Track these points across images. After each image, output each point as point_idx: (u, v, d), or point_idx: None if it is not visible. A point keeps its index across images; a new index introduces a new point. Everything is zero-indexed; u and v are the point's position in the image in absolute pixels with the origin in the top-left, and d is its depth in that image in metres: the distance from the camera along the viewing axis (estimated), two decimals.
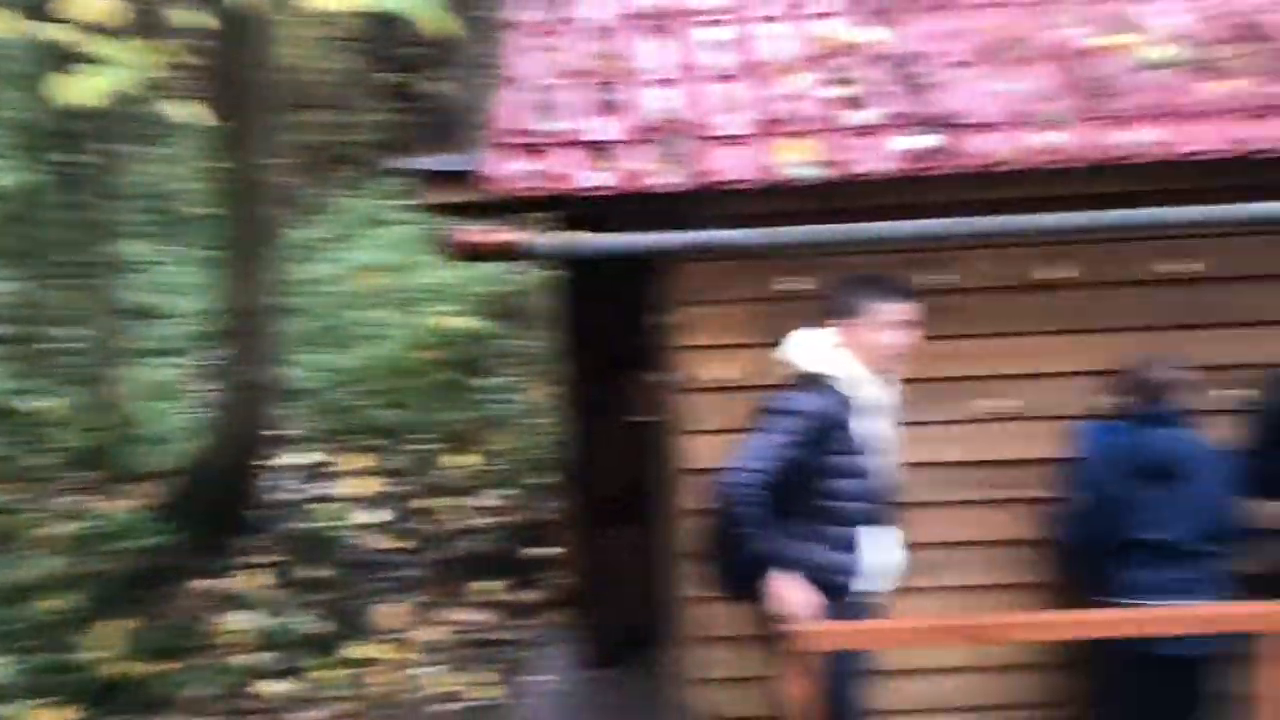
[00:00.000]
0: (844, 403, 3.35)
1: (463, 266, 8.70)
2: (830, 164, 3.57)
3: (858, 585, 3.42)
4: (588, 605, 5.50)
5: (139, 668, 5.43)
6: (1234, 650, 3.61)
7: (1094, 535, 3.76)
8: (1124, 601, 3.58)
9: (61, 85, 3.43)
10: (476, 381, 7.95)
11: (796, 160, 3.61)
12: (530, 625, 6.09)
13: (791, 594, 3.25)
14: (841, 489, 3.33)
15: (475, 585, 6.37)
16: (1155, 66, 3.88)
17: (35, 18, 3.76)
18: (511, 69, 4.14)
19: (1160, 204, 3.71)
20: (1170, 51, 3.92)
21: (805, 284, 3.94)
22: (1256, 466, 3.60)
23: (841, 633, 3.06)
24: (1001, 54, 3.99)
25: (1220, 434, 3.76)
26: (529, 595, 6.31)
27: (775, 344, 4.00)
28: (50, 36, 3.64)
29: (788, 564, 3.31)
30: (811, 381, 3.36)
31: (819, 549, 3.32)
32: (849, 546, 3.37)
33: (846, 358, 3.38)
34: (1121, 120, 3.69)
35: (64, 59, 3.82)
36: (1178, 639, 3.47)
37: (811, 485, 3.30)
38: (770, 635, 3.19)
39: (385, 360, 7.91)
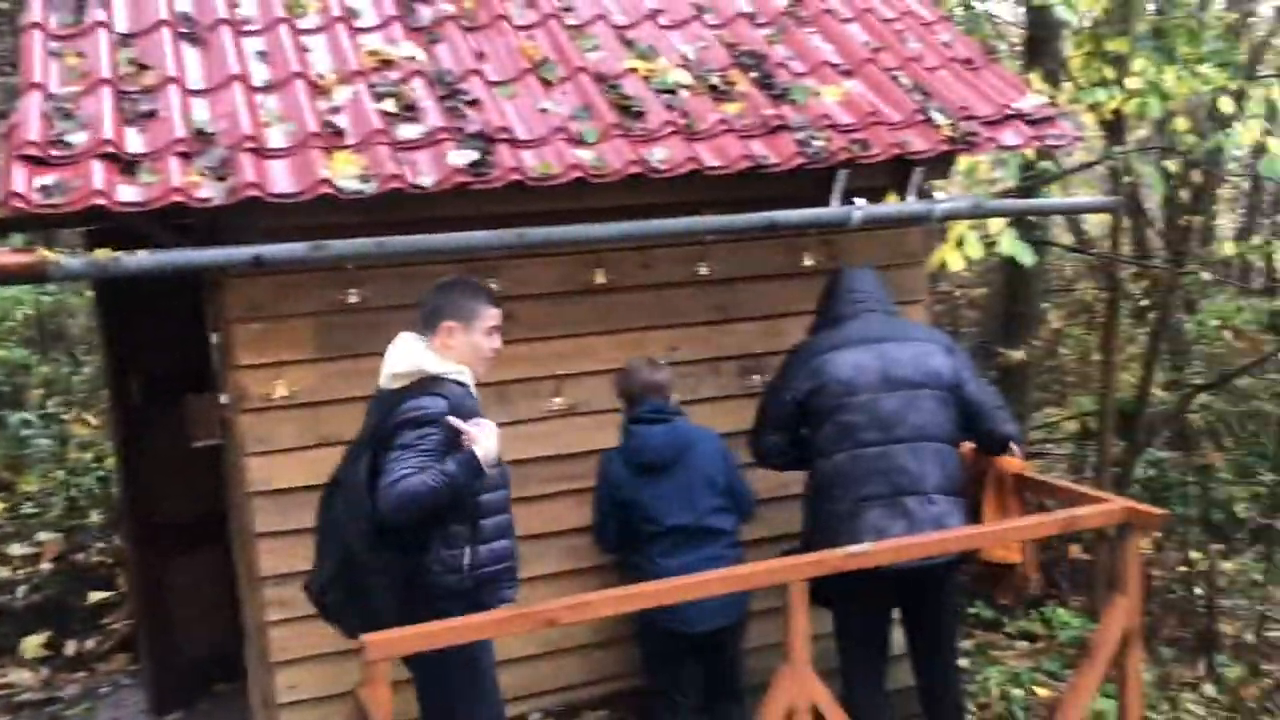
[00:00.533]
0: (466, 401, 3.38)
1: None
2: (378, 177, 3.61)
3: (511, 575, 3.50)
4: (149, 645, 5.14)
5: None
6: (743, 619, 4.10)
7: (620, 528, 4.10)
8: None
9: None
10: (9, 416, 7.14)
11: (344, 173, 3.60)
12: (87, 677, 5.59)
13: (485, 437, 3.27)
14: (482, 485, 3.35)
15: (22, 642, 5.75)
16: (674, 89, 4.28)
17: None
18: (33, 75, 3.79)
19: (685, 213, 4.13)
20: (685, 76, 4.34)
21: (362, 296, 3.97)
22: (771, 442, 4.08)
23: (411, 635, 3.12)
24: (539, 74, 4.22)
25: (750, 416, 4.22)
26: (86, 644, 5.79)
27: (337, 357, 4.02)
28: None
29: (450, 571, 3.33)
30: (432, 383, 3.35)
31: (470, 549, 3.34)
32: (498, 538, 3.43)
33: (452, 360, 3.41)
34: (648, 138, 4.04)
35: None
36: (686, 617, 3.88)
37: None
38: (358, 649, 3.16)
39: None
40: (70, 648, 5.75)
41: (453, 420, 3.28)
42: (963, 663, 5.28)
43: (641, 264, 4.41)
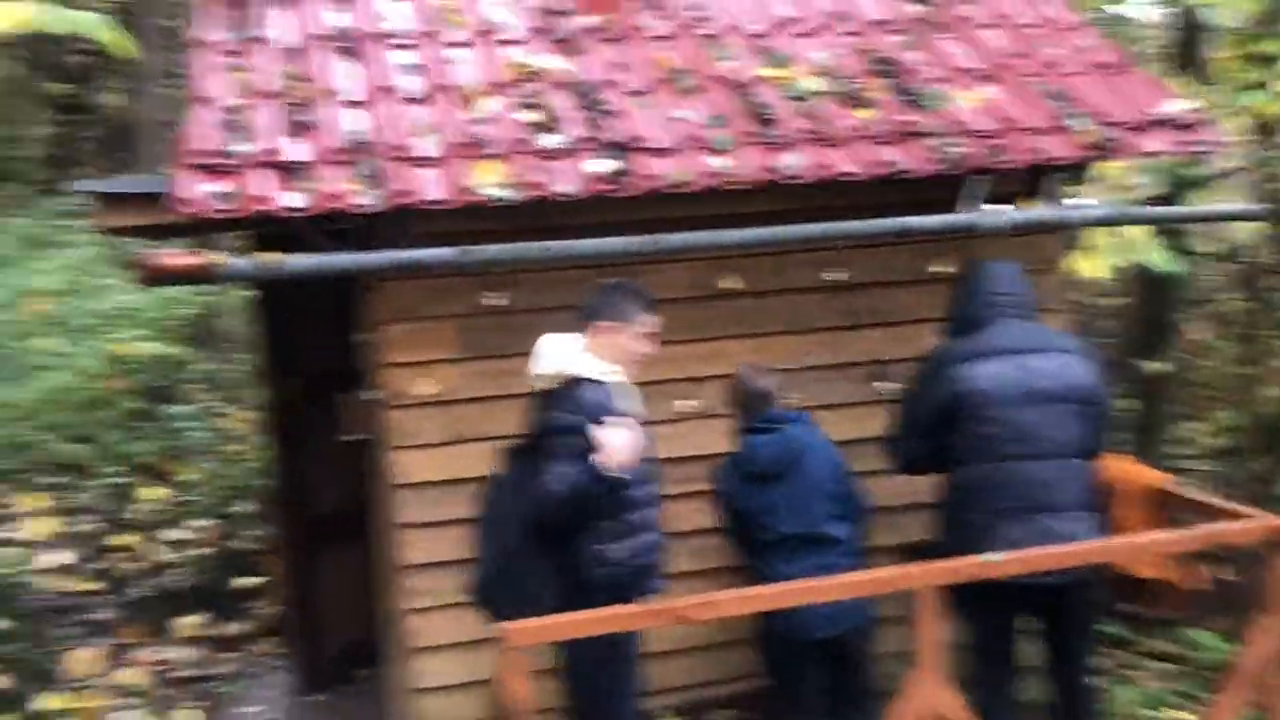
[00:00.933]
0: (612, 402, 3.47)
1: (147, 289, 8.30)
2: (522, 185, 3.75)
3: (658, 569, 3.62)
4: (299, 630, 5.41)
5: None
6: (870, 630, 4.10)
7: (737, 535, 4.15)
8: None
9: None
10: (168, 409, 7.57)
11: (490, 181, 3.76)
12: (238, 657, 5.91)
13: (618, 439, 3.35)
14: (625, 482, 3.44)
15: (178, 621, 6.10)
16: (807, 96, 4.33)
17: None
18: (201, 89, 4.05)
19: (817, 219, 4.17)
20: (819, 83, 4.38)
21: (505, 299, 4.13)
22: (908, 449, 4.08)
23: (547, 625, 3.23)
24: (674, 83, 4.32)
25: (878, 423, 4.24)
26: (236, 626, 6.11)
27: (480, 358, 4.18)
28: None
29: (599, 565, 3.45)
30: (578, 385, 3.46)
31: (618, 544, 3.47)
32: (645, 532, 3.54)
33: (603, 361, 3.52)
34: (781, 145, 4.10)
35: None
36: (804, 623, 3.89)
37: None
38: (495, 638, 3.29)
39: (65, 391, 7.38)
40: (222, 629, 6.07)
41: (595, 429, 3.37)
42: (1096, 681, 5.17)
43: (773, 269, 4.46)
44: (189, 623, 6.06)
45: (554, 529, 3.41)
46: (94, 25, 3.09)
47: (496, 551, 3.53)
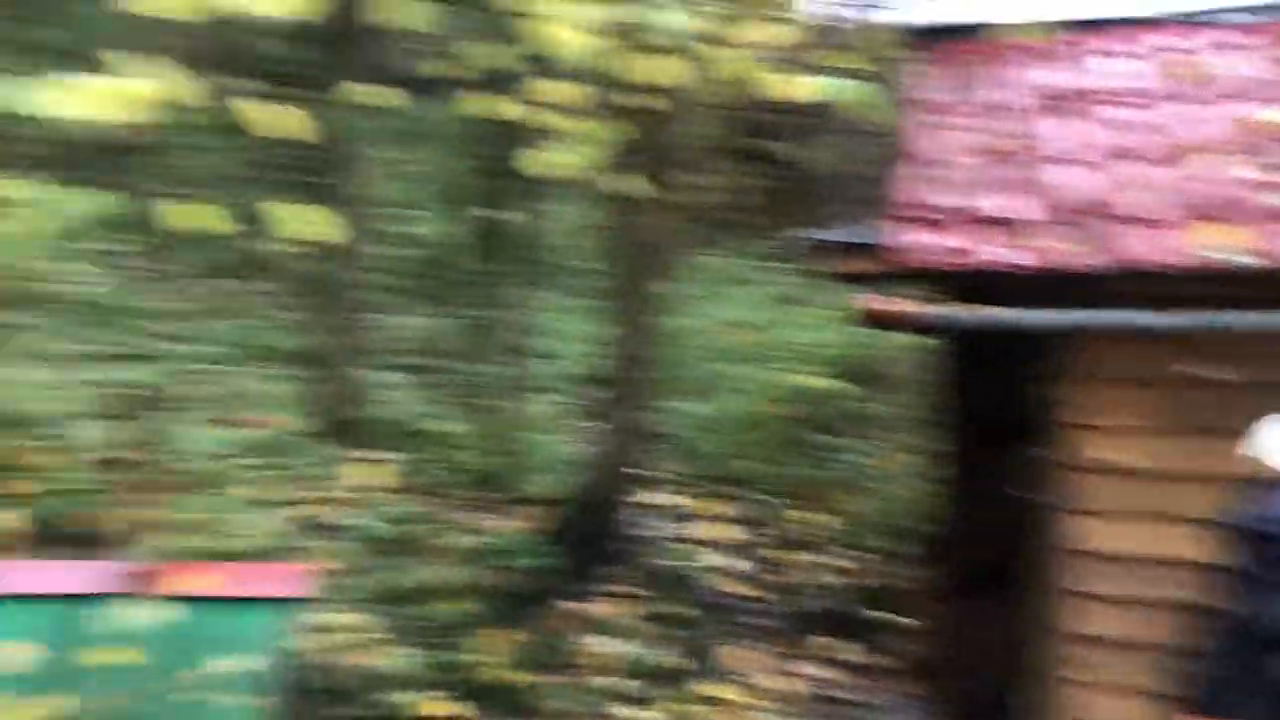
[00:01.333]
0: None
1: (819, 327, 8.97)
2: (1262, 252, 3.47)
3: None
4: (950, 675, 5.47)
5: (515, 676, 5.93)
6: None
7: None
8: None
9: (529, 158, 3.96)
10: (827, 440, 8.09)
11: (1219, 245, 3.54)
12: (879, 689, 6.11)
13: None
14: None
15: (819, 641, 6.47)
16: None
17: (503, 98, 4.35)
18: (917, 146, 4.31)
19: None
20: None
21: (1225, 373, 3.82)
22: None
23: None
24: None
25: None
26: (877, 659, 6.33)
27: (1185, 432, 3.92)
28: (508, 114, 4.19)
29: None
30: None
31: None
32: None
33: None
34: None
35: (521, 134, 4.36)
36: None
37: None
38: None
39: (742, 413, 8.21)
40: (863, 658, 6.32)
41: None
42: None
43: None
44: (829, 644, 6.39)
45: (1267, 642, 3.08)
46: (854, 92, 3.42)
47: (1207, 648, 3.30)
